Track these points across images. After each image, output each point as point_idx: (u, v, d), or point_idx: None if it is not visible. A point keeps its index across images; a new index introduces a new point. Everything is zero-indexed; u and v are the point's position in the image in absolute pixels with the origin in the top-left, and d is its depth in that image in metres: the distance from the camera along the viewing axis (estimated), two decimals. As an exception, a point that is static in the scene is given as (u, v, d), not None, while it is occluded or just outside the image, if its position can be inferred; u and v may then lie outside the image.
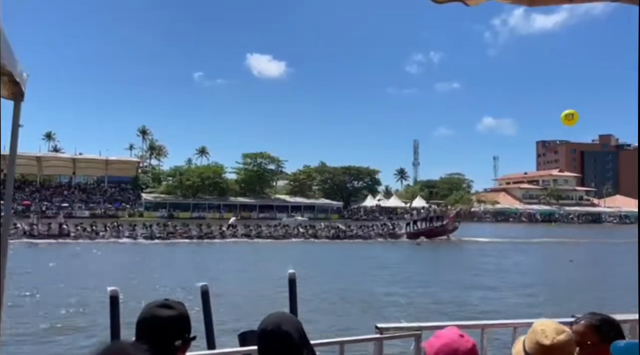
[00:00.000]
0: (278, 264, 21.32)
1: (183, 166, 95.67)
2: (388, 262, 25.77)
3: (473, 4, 2.20)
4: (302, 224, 45.98)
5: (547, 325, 1.85)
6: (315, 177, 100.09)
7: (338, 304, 14.36)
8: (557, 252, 34.23)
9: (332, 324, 11.43)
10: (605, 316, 2.10)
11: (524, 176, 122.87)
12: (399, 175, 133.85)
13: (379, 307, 13.93)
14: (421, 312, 12.78)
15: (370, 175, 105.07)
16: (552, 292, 17.58)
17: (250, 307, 13.00)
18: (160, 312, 1.63)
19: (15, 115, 2.77)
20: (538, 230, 62.01)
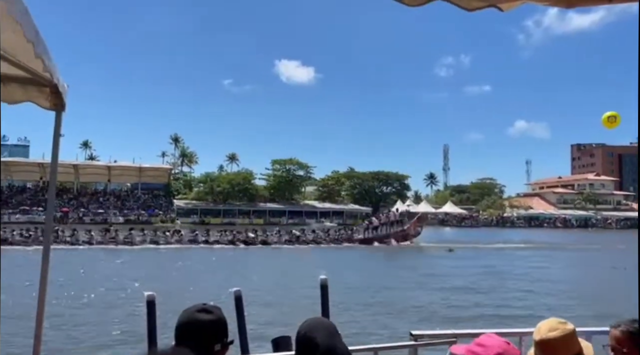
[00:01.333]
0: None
1: (214, 173, 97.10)
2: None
3: (508, 9, 2.17)
4: (250, 229, 43.61)
5: (545, 323, 1.95)
6: (344, 182, 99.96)
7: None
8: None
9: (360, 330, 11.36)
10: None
11: (558, 180, 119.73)
12: (429, 180, 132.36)
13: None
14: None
15: (400, 180, 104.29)
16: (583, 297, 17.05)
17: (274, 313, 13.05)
18: (199, 316, 1.66)
19: (56, 125, 2.83)
20: (558, 235, 60.24)
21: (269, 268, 25.84)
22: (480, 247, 40.00)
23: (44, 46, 2.26)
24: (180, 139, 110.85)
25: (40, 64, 2.44)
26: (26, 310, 11.29)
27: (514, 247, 40.62)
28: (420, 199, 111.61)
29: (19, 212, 68.85)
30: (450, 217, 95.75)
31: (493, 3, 2.14)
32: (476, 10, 2.17)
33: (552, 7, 2.40)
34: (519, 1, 2.17)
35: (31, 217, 64.42)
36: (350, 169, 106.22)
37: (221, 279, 19.07)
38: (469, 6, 2.17)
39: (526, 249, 39.59)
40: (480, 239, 50.62)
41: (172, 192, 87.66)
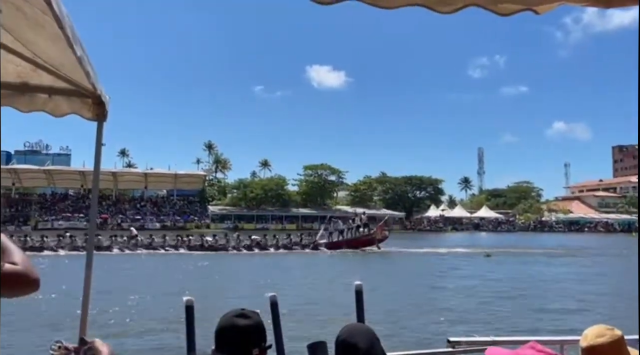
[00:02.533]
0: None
1: (247, 179, 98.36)
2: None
3: (543, 12, 2.14)
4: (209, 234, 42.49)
5: (592, 330, 1.93)
6: (376, 187, 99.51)
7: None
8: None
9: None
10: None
11: (599, 183, 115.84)
12: (464, 184, 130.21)
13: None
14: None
15: (433, 184, 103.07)
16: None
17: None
18: (238, 321, 1.69)
19: (98, 135, 2.91)
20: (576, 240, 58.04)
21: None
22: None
23: (87, 58, 2.36)
24: (214, 145, 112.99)
25: (84, 76, 2.56)
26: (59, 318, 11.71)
27: (543, 253, 39.45)
28: (455, 204, 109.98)
29: (61, 219, 71.44)
30: (486, 222, 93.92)
31: (528, 6, 2.12)
32: (511, 14, 2.16)
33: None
34: (555, 3, 2.14)
35: (73, 223, 66.72)
36: (383, 173, 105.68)
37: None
38: (504, 11, 2.16)
39: (563, 255, 38.37)
40: (511, 243, 49.40)
41: (206, 198, 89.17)
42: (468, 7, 2.19)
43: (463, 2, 2.14)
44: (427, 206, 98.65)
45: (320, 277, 23.52)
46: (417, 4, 2.05)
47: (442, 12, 2.21)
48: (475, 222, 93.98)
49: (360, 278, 12.08)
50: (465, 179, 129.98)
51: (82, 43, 2.18)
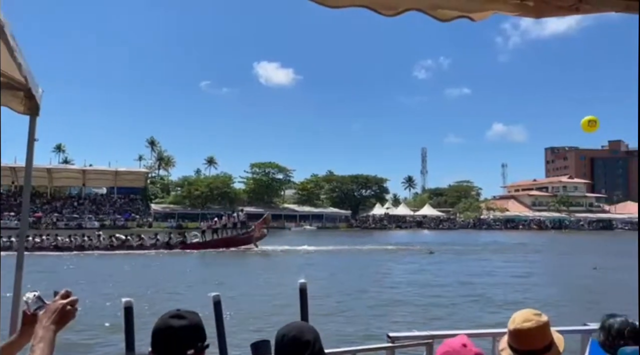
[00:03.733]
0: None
1: (191, 176, 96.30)
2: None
3: (479, 19, 2.24)
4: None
5: (520, 314, 2.03)
6: (324, 186, 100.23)
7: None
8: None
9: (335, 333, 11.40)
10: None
11: (533, 183, 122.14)
12: (407, 183, 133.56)
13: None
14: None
15: (379, 183, 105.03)
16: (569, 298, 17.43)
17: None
18: (172, 322, 1.68)
19: (30, 130, 2.80)
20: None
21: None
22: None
23: (19, 49, 2.25)
24: (157, 142, 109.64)
25: (15, 68, 2.43)
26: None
27: (481, 250, 41.19)
28: (399, 202, 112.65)
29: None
30: (428, 220, 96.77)
31: (465, 13, 2.21)
32: (449, 20, 2.25)
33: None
34: (490, 11, 2.25)
35: (3, 222, 62.80)
36: (330, 172, 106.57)
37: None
38: (443, 17, 2.25)
39: (500, 251, 40.17)
40: (441, 240, 51.23)
41: (149, 196, 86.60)
42: (410, 11, 2.26)
43: (405, 6, 2.21)
44: (373, 204, 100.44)
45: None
46: (362, 5, 2.09)
47: (385, 15, 2.27)
48: (418, 220, 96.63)
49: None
50: (409, 178, 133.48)
51: (13, 34, 2.07)
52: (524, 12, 2.31)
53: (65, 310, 1.63)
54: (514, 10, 2.29)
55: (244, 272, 25.32)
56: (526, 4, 2.23)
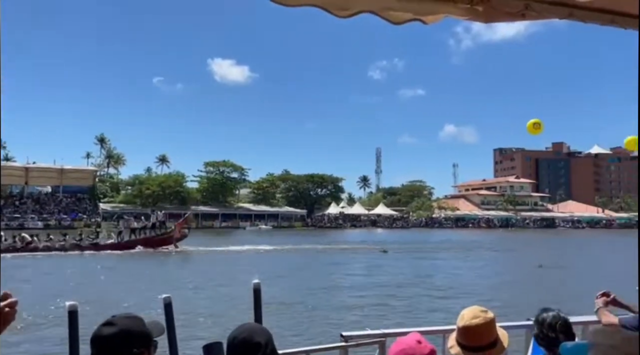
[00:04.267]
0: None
1: (142, 175, 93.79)
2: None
3: (431, 22, 2.28)
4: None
5: (468, 311, 2.08)
6: (279, 185, 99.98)
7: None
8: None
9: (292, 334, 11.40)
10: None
11: (482, 183, 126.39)
12: (362, 182, 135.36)
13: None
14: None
15: (334, 182, 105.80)
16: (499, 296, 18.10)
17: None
18: (102, 330, 1.65)
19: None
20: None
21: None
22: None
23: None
24: (107, 139, 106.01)
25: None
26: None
27: (433, 248, 42.31)
28: (354, 201, 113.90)
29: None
30: (383, 219, 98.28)
31: (417, 16, 2.25)
32: (402, 23, 2.28)
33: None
34: (441, 15, 2.30)
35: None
36: (285, 171, 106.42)
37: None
38: (396, 19, 2.28)
39: (450, 249, 41.35)
40: (389, 239, 52.28)
41: (97, 195, 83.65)
42: (363, 13, 2.28)
43: (358, 9, 2.22)
44: (328, 204, 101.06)
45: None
46: (316, 5, 2.09)
47: (338, 16, 2.28)
48: (373, 219, 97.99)
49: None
50: (364, 178, 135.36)
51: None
52: (474, 17, 2.37)
53: (4, 313, 1.56)
54: (465, 14, 2.35)
55: (182, 274, 24.83)
56: (476, 9, 2.29)
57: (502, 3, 2.30)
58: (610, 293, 3.19)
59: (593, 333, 1.39)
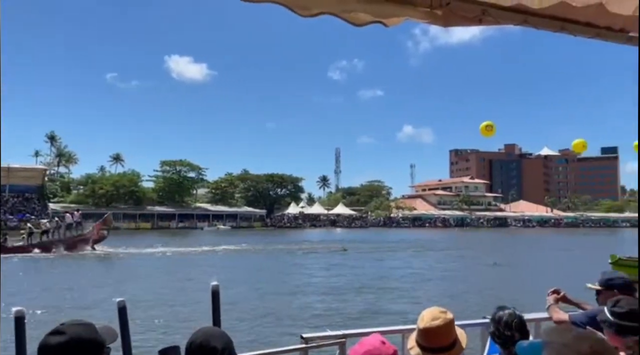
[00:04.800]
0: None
1: (95, 174, 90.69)
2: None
3: (391, 25, 2.30)
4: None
5: (428, 312, 2.11)
6: (238, 185, 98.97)
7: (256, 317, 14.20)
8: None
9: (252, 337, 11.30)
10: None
11: (438, 183, 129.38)
12: (322, 182, 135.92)
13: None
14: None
15: (294, 182, 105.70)
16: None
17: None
18: (50, 340, 1.58)
19: None
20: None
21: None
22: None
23: None
24: (57, 137, 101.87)
25: None
26: None
27: (391, 247, 43.00)
28: (314, 201, 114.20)
29: None
30: (342, 218, 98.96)
31: (378, 19, 2.27)
32: (363, 25, 2.29)
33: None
34: (401, 18, 2.32)
35: None
36: (245, 171, 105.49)
37: None
38: (357, 21, 2.29)
39: (407, 248, 42.09)
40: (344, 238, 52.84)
41: (46, 194, 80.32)
42: (324, 14, 2.27)
43: (319, 9, 2.21)
44: (288, 204, 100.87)
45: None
46: (278, 2, 2.07)
47: (300, 15, 2.26)
48: (332, 219, 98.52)
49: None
50: (324, 178, 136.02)
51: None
52: (434, 20, 2.41)
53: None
54: (425, 17, 2.39)
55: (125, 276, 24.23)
56: (435, 12, 2.33)
57: (460, 8, 2.34)
58: (560, 290, 3.31)
59: (546, 331, 1.44)
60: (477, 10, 2.39)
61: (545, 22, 2.51)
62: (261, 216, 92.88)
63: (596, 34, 2.68)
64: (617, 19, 2.65)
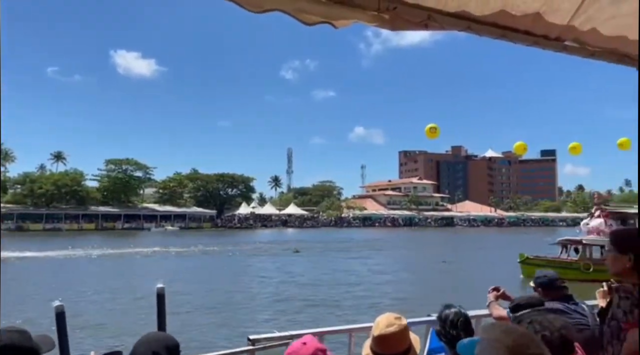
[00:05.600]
0: None
1: (34, 173, 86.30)
2: None
3: (340, 27, 2.32)
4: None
5: (382, 319, 2.11)
6: (187, 184, 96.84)
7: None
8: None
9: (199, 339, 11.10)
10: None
11: (388, 184, 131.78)
12: (274, 182, 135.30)
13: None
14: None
15: (245, 182, 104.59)
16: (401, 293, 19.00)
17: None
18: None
19: None
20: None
21: None
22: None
23: None
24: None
25: None
26: None
27: (342, 247, 43.44)
28: (265, 201, 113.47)
29: None
30: (293, 219, 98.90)
31: (327, 19, 2.28)
32: (313, 25, 2.29)
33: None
34: (350, 20, 2.34)
35: None
36: (194, 170, 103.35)
37: None
38: (307, 20, 2.28)
39: (357, 248, 42.61)
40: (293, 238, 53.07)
41: (-21, 194, 75.64)
42: (275, 11, 2.26)
43: (270, 6, 2.20)
44: (239, 204, 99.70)
45: None
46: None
47: (250, 10, 2.23)
48: (284, 219, 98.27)
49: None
50: (275, 178, 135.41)
51: None
52: (382, 24, 2.44)
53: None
54: (373, 21, 2.42)
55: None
56: (383, 16, 2.36)
57: (406, 12, 2.38)
58: (500, 288, 3.45)
59: (481, 328, 1.49)
60: (422, 15, 2.44)
61: (487, 29, 2.60)
62: (211, 217, 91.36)
63: (534, 42, 2.80)
64: (553, 28, 2.79)
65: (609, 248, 2.19)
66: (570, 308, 3.02)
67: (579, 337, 2.89)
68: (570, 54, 3.01)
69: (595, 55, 3.07)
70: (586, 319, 2.96)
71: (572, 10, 2.68)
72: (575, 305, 3.06)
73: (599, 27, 2.87)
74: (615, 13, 2.80)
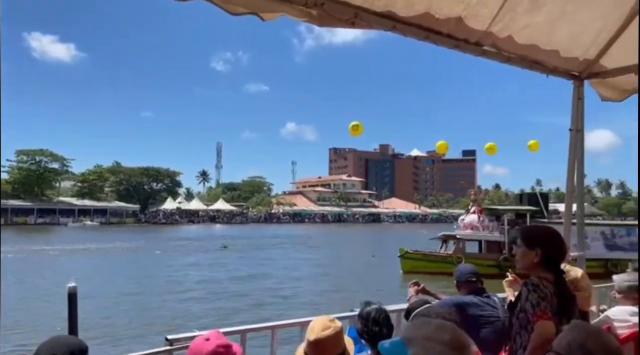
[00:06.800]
0: None
1: None
2: None
3: (268, 19, 2.28)
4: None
5: (317, 322, 2.08)
6: (108, 178, 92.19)
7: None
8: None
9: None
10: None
11: (318, 180, 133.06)
12: (202, 177, 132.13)
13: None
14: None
15: (171, 177, 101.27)
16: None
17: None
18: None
19: None
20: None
21: None
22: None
23: None
24: None
25: None
26: None
27: (273, 244, 43.40)
28: (192, 196, 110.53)
29: None
30: (222, 214, 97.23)
31: (254, 11, 2.23)
32: (239, 15, 2.23)
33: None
34: (278, 13, 2.31)
35: None
36: (116, 163, 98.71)
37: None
38: (233, 10, 2.22)
39: (285, 244, 42.70)
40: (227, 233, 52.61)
41: None
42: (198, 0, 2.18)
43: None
44: (164, 199, 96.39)
45: None
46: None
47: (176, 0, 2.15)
48: (212, 215, 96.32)
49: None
50: (204, 172, 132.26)
51: None
52: (309, 19, 2.43)
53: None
54: (301, 15, 2.40)
55: None
56: (310, 11, 2.35)
57: (333, 9, 2.39)
58: (420, 282, 3.57)
59: (405, 327, 1.49)
60: (350, 13, 2.45)
61: (412, 30, 2.66)
62: (134, 212, 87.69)
63: (455, 46, 2.91)
64: (473, 33, 2.92)
65: (518, 243, 2.31)
66: (483, 301, 3.20)
67: (490, 327, 3.07)
68: (489, 59, 3.17)
69: (511, 61, 3.26)
70: (497, 311, 3.14)
71: (490, 17, 2.82)
72: (487, 298, 3.24)
73: (514, 35, 3.05)
74: (529, 22, 2.98)
